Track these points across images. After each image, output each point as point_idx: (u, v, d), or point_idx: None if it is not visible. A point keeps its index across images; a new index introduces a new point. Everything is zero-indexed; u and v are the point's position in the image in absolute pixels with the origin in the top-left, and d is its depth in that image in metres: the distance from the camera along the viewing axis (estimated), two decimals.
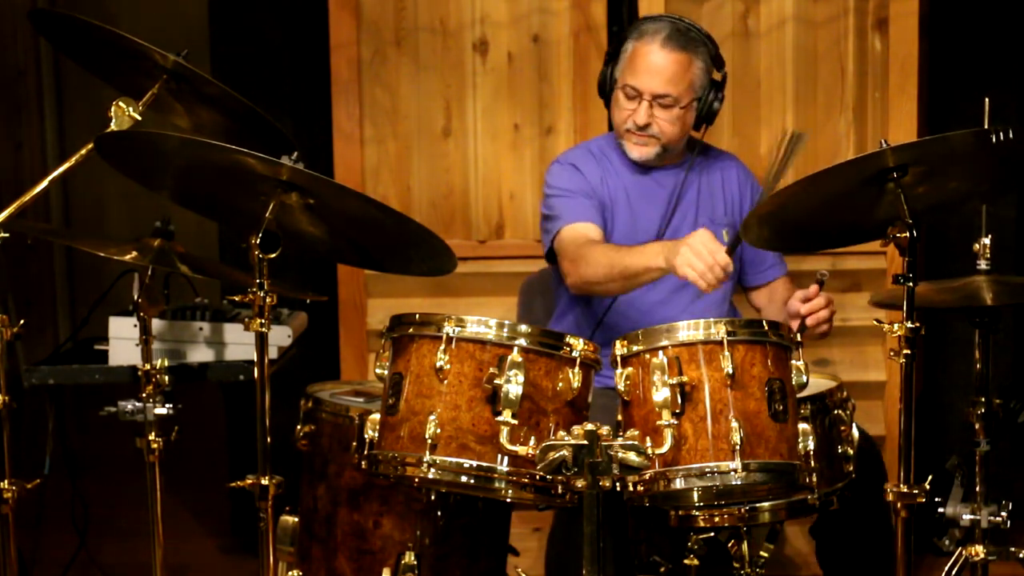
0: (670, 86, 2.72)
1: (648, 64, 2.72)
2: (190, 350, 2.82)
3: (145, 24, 5.31)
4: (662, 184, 2.86)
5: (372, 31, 3.40)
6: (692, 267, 2.40)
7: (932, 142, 2.25)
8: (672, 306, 2.79)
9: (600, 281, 2.64)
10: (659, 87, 2.71)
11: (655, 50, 2.71)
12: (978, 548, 2.61)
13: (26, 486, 2.44)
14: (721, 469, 2.11)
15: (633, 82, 2.73)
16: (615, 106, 2.80)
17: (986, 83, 3.45)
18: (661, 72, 2.71)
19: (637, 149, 2.79)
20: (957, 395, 3.50)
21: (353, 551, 2.47)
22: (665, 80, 2.71)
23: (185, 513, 4.06)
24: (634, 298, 2.78)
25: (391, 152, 3.45)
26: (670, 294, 2.80)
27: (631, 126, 2.76)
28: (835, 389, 2.46)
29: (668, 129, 2.76)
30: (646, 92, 2.72)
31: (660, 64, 2.71)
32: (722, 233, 2.85)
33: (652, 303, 2.79)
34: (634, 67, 2.74)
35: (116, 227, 6.06)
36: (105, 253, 2.52)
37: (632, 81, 2.74)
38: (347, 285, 3.43)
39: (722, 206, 2.89)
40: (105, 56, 2.50)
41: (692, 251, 2.40)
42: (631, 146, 2.80)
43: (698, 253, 2.39)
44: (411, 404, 2.18)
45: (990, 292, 2.53)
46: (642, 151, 2.79)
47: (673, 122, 2.75)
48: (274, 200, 2.23)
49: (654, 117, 2.74)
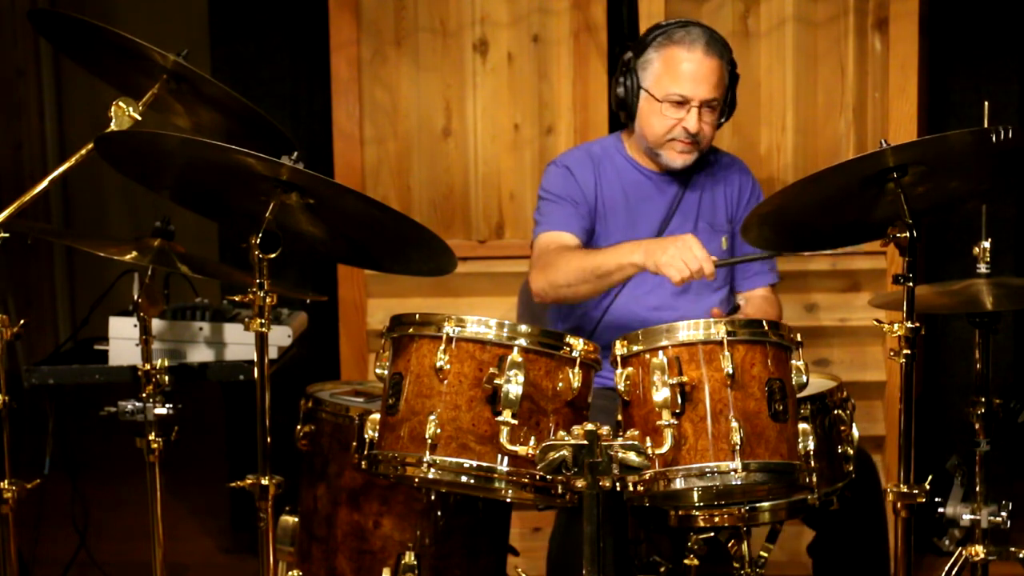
0: (717, 91, 2.74)
1: (695, 72, 2.72)
2: (190, 350, 2.82)
3: (145, 24, 5.31)
4: (663, 189, 2.86)
5: (372, 31, 3.40)
6: (676, 267, 2.46)
7: (932, 142, 2.25)
8: (669, 310, 2.79)
9: (570, 283, 2.66)
10: (709, 93, 2.73)
11: (700, 58, 2.72)
12: (978, 548, 2.61)
13: (26, 486, 2.44)
14: (721, 469, 2.11)
15: (679, 90, 2.72)
16: (653, 116, 2.77)
17: (986, 83, 3.45)
18: (708, 78, 2.72)
19: (681, 157, 2.79)
20: (957, 395, 3.51)
21: (353, 551, 2.47)
22: (713, 86, 2.73)
23: (185, 513, 4.06)
24: (629, 301, 2.79)
25: (391, 152, 3.45)
26: (669, 298, 2.80)
27: (679, 134, 2.75)
28: (835, 389, 2.46)
29: (709, 132, 2.79)
30: (695, 99, 2.72)
31: (707, 71, 2.72)
32: (721, 240, 2.85)
33: (649, 307, 2.80)
34: (676, 75, 2.72)
35: (116, 227, 6.06)
36: (105, 253, 2.52)
37: (678, 89, 2.72)
38: (347, 285, 3.43)
39: (723, 212, 2.90)
40: (105, 56, 2.50)
41: (680, 253, 2.46)
42: (674, 155, 2.78)
43: (688, 255, 2.45)
44: (411, 404, 2.18)
45: (990, 296, 2.53)
46: (685, 158, 2.79)
47: (713, 127, 2.79)
48: (274, 200, 2.23)
49: (702, 122, 2.75)
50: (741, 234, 2.46)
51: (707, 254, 2.47)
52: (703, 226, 2.84)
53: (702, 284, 2.77)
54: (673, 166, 2.81)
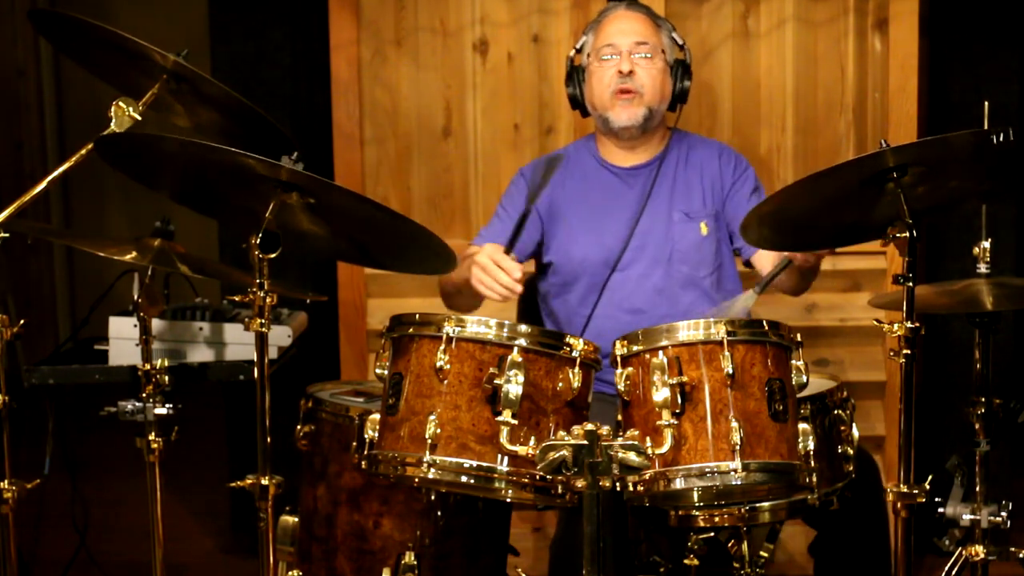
0: (645, 36, 2.79)
1: (619, 25, 2.81)
2: (190, 350, 2.82)
3: (145, 24, 5.30)
4: (631, 184, 2.86)
5: (372, 31, 3.40)
6: (481, 282, 2.48)
7: (932, 142, 2.25)
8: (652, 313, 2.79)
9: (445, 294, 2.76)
10: (635, 37, 2.79)
11: (621, 13, 2.83)
12: (978, 548, 2.61)
13: (26, 486, 2.44)
14: (721, 469, 2.11)
15: (607, 41, 2.79)
16: (593, 79, 2.82)
17: (986, 83, 3.45)
18: (631, 26, 2.81)
19: (625, 112, 2.78)
20: (957, 395, 3.50)
21: (353, 551, 2.47)
22: (638, 32, 2.80)
23: (185, 513, 4.06)
24: (621, 301, 2.79)
25: (391, 152, 3.45)
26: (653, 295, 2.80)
27: (615, 83, 2.77)
28: (835, 389, 2.47)
29: (649, 84, 2.78)
30: (624, 44, 2.78)
31: (630, 21, 2.82)
32: (699, 226, 2.83)
33: (633, 307, 2.79)
34: (604, 33, 2.82)
35: (116, 227, 6.07)
36: (105, 253, 2.52)
37: (606, 41, 2.80)
38: (347, 285, 3.44)
39: (699, 198, 2.85)
40: (105, 56, 2.50)
41: (478, 267, 2.48)
42: (618, 111, 2.79)
43: (484, 268, 2.47)
44: (411, 404, 2.18)
45: (990, 296, 2.53)
46: (629, 113, 2.78)
47: (654, 76, 2.78)
48: (274, 200, 2.22)
49: (636, 67, 2.77)
50: (741, 234, 2.45)
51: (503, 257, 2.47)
52: (678, 216, 2.83)
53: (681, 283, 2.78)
54: (619, 124, 2.80)
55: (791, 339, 2.22)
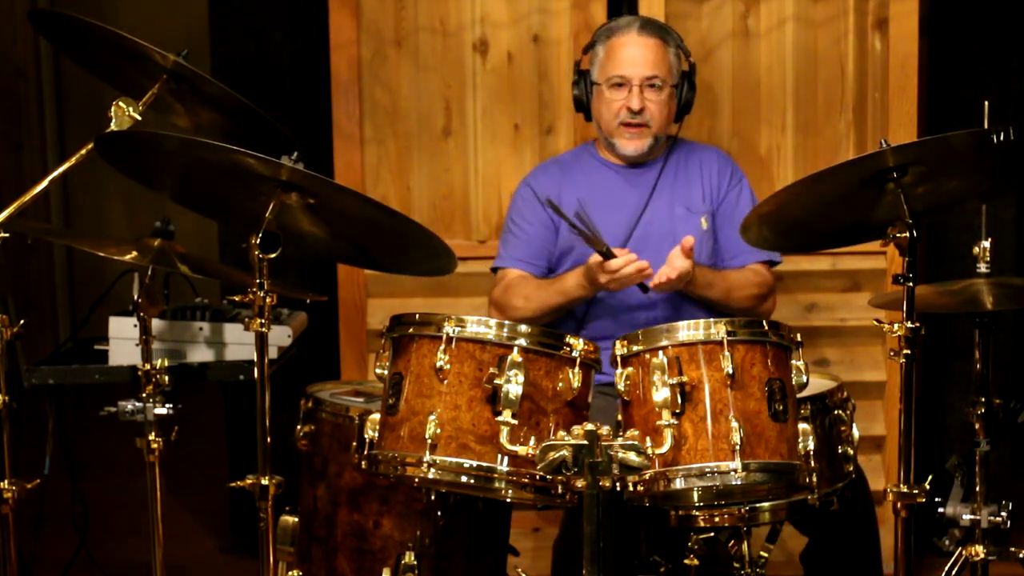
0: (656, 68, 2.81)
1: (630, 53, 2.82)
2: (190, 350, 2.82)
3: (145, 24, 5.31)
4: (634, 182, 2.90)
5: (372, 31, 3.40)
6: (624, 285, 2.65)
7: (932, 142, 2.25)
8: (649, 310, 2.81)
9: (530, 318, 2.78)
10: (647, 70, 2.81)
11: (633, 39, 2.83)
12: (978, 548, 2.61)
13: (26, 486, 2.44)
14: (721, 469, 2.11)
15: (619, 72, 2.82)
16: (602, 104, 2.86)
17: (986, 83, 3.45)
18: (644, 56, 2.82)
19: (632, 143, 2.85)
20: (957, 395, 3.51)
21: (353, 551, 2.47)
22: (650, 63, 2.81)
23: (185, 513, 4.06)
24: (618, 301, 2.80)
25: (391, 152, 3.45)
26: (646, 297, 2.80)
27: (624, 116, 2.83)
28: (835, 389, 2.47)
29: (658, 114, 2.83)
30: (635, 78, 2.80)
31: (642, 50, 2.82)
32: (699, 221, 2.86)
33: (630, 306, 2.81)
34: (616, 60, 2.83)
35: (116, 227, 6.06)
36: (105, 253, 2.52)
37: (618, 71, 2.82)
38: (347, 285, 3.43)
39: (699, 193, 2.93)
40: (105, 56, 2.50)
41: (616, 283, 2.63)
42: (624, 141, 2.85)
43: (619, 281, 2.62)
44: (411, 404, 2.18)
45: (990, 296, 2.53)
46: (636, 144, 2.85)
47: (662, 107, 2.83)
48: (274, 200, 2.23)
49: (646, 101, 2.81)
50: (741, 233, 2.46)
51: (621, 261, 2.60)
52: (680, 210, 2.89)
53: None
54: (626, 153, 2.87)
55: (791, 339, 2.22)
